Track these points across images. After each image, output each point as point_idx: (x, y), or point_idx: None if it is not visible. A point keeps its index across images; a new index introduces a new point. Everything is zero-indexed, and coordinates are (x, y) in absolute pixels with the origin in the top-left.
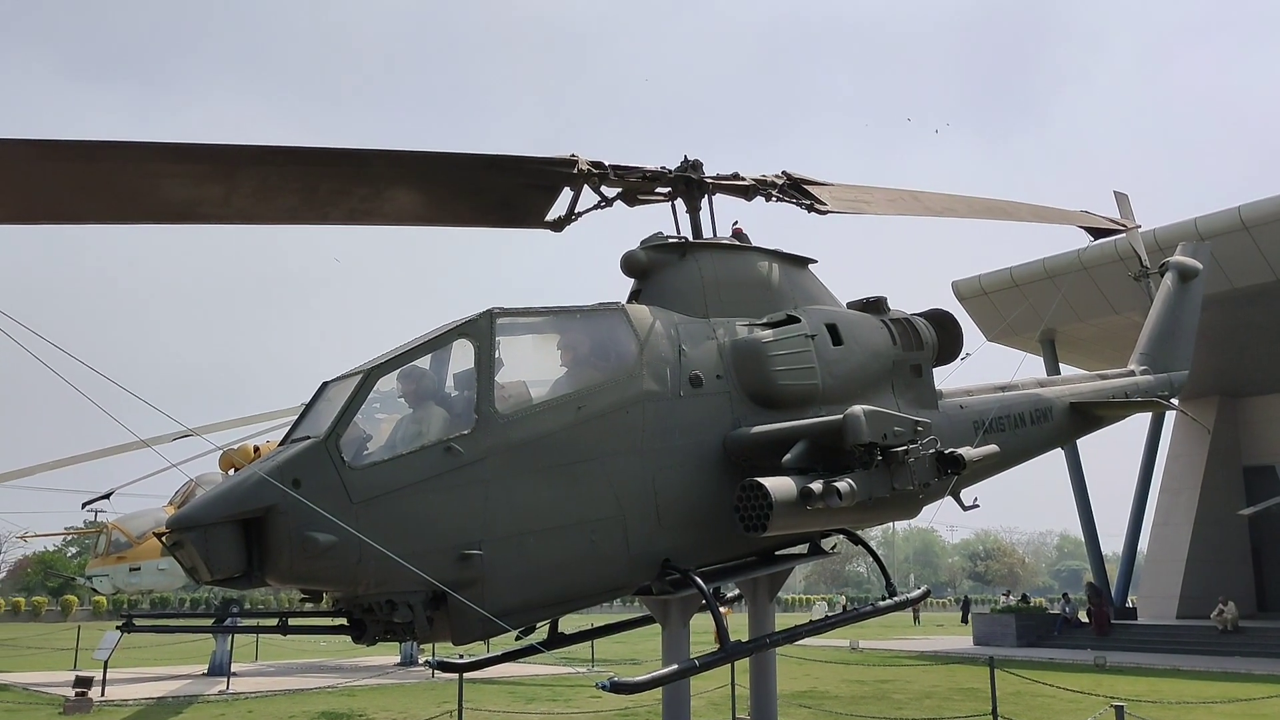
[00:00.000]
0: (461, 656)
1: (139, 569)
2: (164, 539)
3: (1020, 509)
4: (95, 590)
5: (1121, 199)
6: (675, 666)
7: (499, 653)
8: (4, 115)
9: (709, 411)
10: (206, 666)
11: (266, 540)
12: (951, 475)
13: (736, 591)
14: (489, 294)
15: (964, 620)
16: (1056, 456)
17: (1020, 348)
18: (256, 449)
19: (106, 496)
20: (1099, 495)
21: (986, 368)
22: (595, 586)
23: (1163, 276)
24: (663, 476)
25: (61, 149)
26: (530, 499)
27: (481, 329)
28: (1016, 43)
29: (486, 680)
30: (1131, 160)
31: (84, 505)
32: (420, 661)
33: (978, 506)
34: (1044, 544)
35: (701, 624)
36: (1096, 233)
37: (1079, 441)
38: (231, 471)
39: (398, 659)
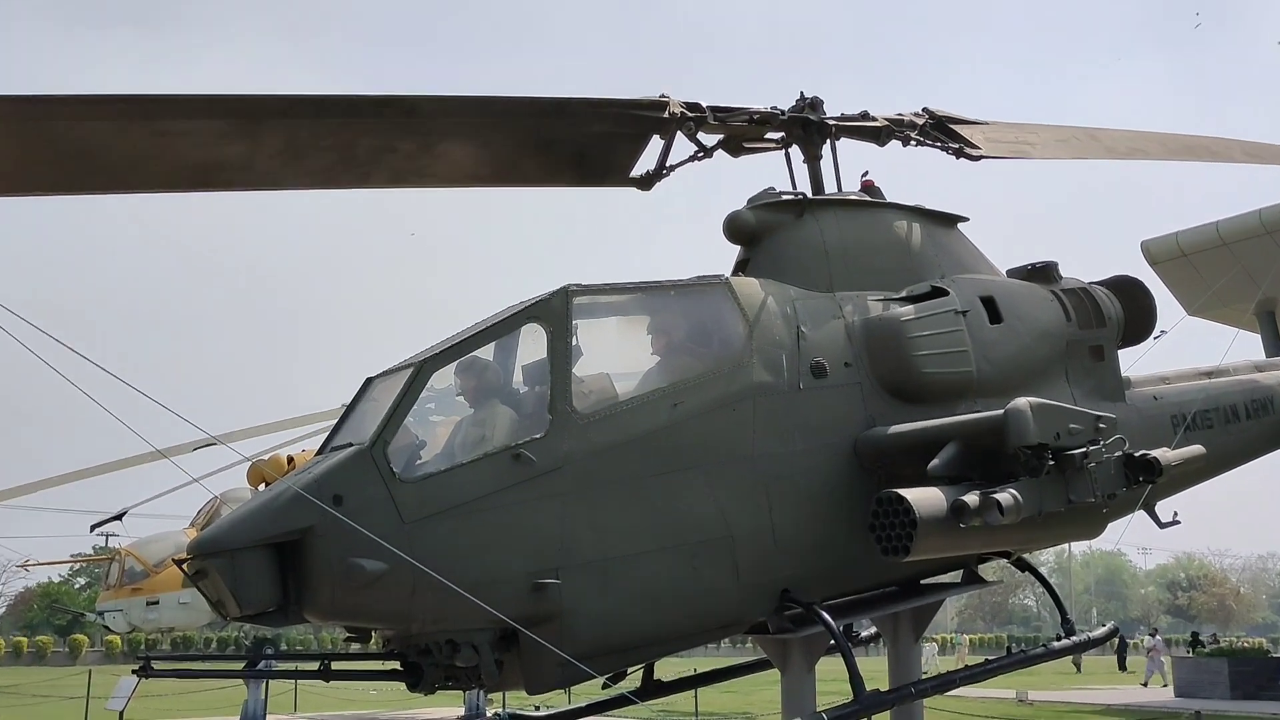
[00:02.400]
0: (538, 708)
1: (157, 603)
2: (185, 567)
3: (1234, 526)
4: (108, 628)
5: None
6: None
7: (583, 704)
8: None
9: (836, 407)
10: (237, 718)
11: (304, 568)
12: (1143, 484)
13: (873, 629)
14: (559, 268)
15: (1121, 667)
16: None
17: (1231, 323)
18: (290, 460)
19: (118, 517)
20: None
21: (1188, 348)
22: (698, 623)
23: None
24: (779, 488)
25: (56, 105)
26: (617, 516)
27: (555, 310)
28: None
29: None
30: None
31: (93, 528)
32: (489, 714)
33: (1178, 523)
34: (1265, 569)
35: (830, 669)
36: None
37: None
38: (262, 487)
39: (462, 711)
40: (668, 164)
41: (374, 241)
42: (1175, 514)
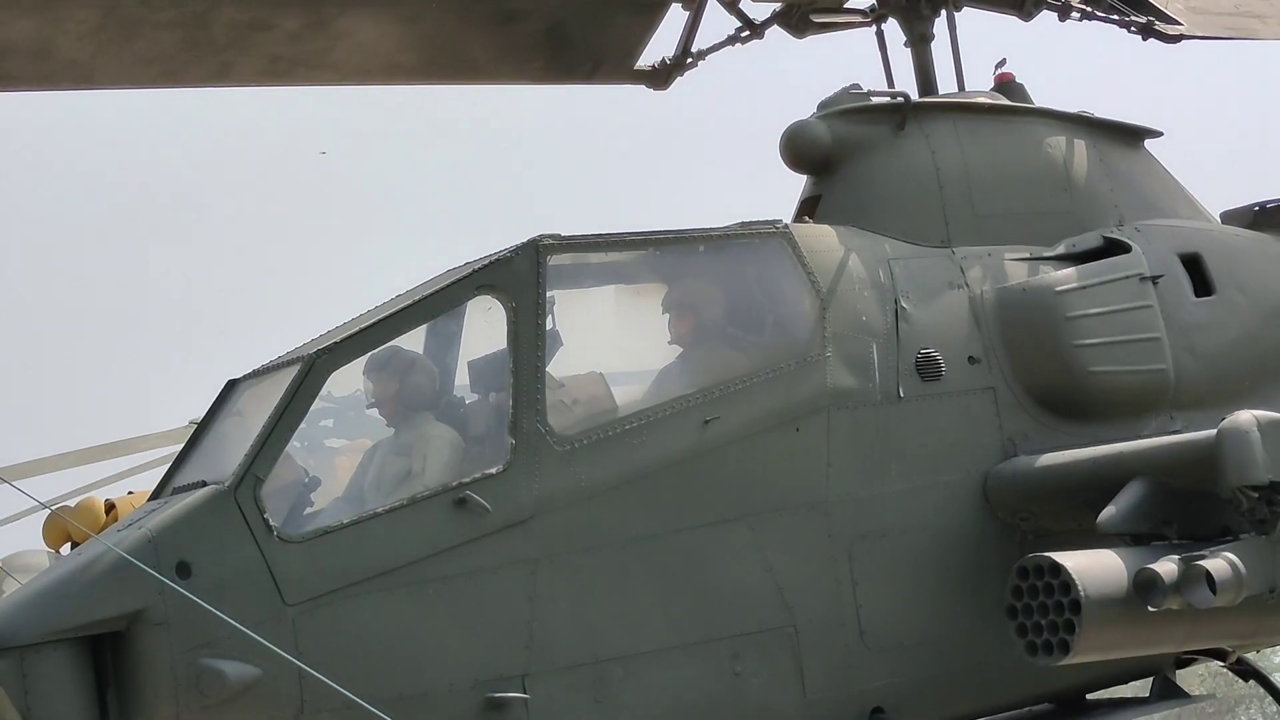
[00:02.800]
0: None
1: None
2: None
3: None
4: None
5: None
6: None
7: None
8: None
9: (955, 426)
10: None
11: (132, 674)
12: None
13: None
14: (524, 211)
15: None
16: None
17: None
18: (111, 507)
19: None
20: None
21: None
22: None
23: None
24: (868, 552)
25: None
26: (616, 596)
27: (519, 275)
28: None
29: None
30: None
31: None
32: None
33: None
34: None
35: None
36: None
37: None
38: (66, 548)
39: None
40: (694, 49)
41: (255, 163)
42: None
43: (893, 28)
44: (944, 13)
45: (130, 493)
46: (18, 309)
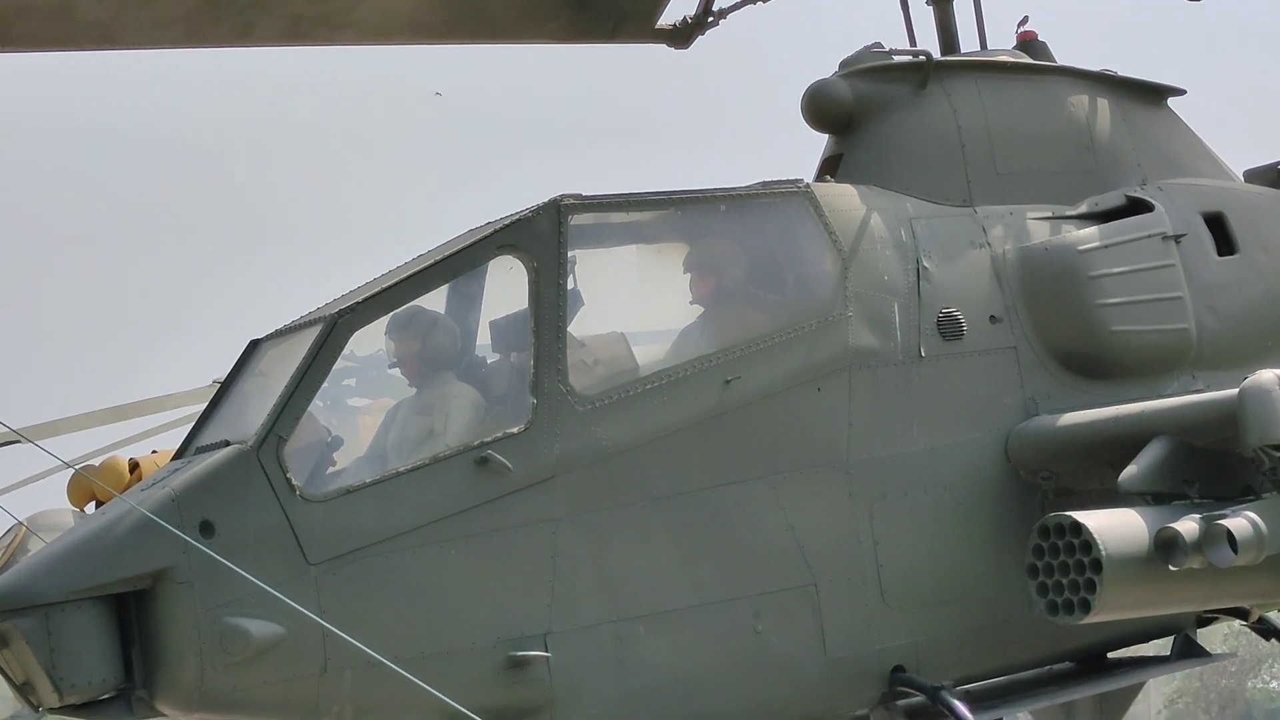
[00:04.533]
0: None
1: None
2: None
3: None
4: None
5: None
6: None
7: None
8: None
9: (977, 386)
10: None
11: (156, 632)
12: None
13: None
14: (539, 174)
15: None
16: None
17: None
18: (135, 466)
19: None
20: None
21: None
22: (762, 715)
23: None
24: (889, 511)
25: None
26: (637, 555)
27: (541, 235)
28: None
29: None
30: None
31: None
32: None
33: None
34: None
35: None
36: None
37: None
38: (91, 507)
39: None
40: (715, 7)
41: (277, 124)
42: None
43: None
44: None
45: (154, 452)
46: (43, 273)
